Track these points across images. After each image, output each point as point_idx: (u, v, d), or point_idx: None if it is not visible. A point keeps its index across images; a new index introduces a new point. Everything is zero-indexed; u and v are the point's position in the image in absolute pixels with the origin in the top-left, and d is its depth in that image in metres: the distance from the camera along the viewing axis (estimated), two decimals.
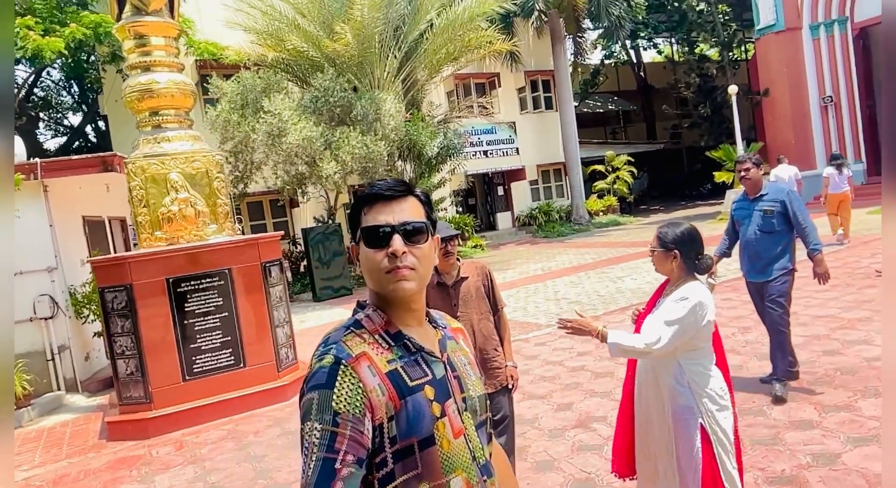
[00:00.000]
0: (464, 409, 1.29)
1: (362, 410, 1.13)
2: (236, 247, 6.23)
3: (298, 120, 12.37)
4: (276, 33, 14.60)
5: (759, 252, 4.63)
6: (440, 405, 1.23)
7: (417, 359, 1.25)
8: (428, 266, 1.27)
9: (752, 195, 4.70)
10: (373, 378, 1.17)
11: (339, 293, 13.69)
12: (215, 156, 6.53)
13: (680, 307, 2.46)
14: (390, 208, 1.25)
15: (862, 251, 10.26)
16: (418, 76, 15.94)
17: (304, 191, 14.02)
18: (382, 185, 1.27)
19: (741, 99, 20.50)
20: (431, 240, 1.29)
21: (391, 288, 1.22)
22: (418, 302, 1.30)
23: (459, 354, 1.37)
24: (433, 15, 15.06)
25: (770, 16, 20.51)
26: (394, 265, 1.21)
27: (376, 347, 1.22)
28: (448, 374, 1.29)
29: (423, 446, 1.19)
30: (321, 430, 1.10)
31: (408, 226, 1.23)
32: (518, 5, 18.56)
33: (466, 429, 1.28)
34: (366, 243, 1.24)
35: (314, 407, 1.13)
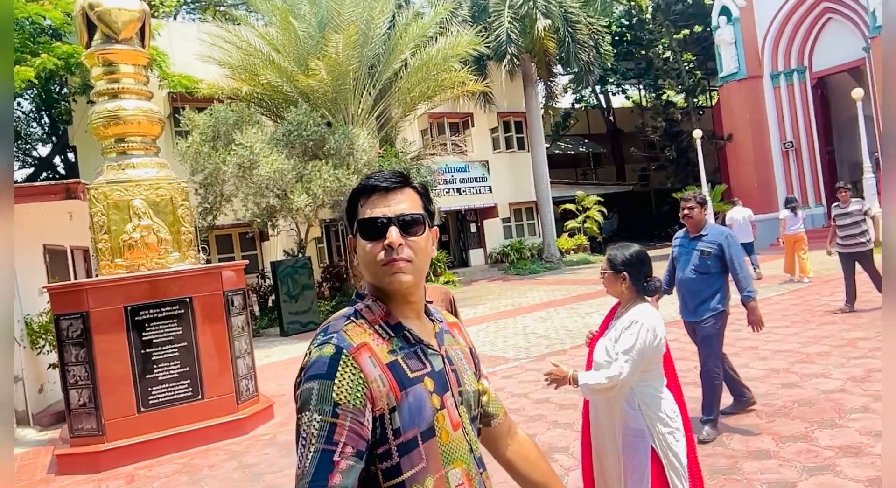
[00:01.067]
0: (460, 403, 1.28)
1: (363, 401, 1.11)
2: (198, 276, 6.14)
3: (270, 152, 12.39)
4: (251, 68, 14.73)
5: (692, 291, 4.56)
6: (439, 397, 1.22)
7: (417, 351, 1.24)
8: (425, 258, 1.26)
9: (693, 234, 4.63)
10: (374, 368, 1.15)
11: (306, 328, 13.48)
12: (181, 183, 6.48)
13: (631, 334, 2.50)
14: (387, 200, 1.23)
15: (822, 289, 10.52)
16: (392, 113, 16.15)
17: (274, 224, 13.94)
18: (379, 177, 1.26)
19: (706, 143, 21.14)
20: (429, 231, 1.27)
21: (388, 280, 1.21)
22: (416, 294, 1.28)
23: (456, 348, 1.37)
24: (408, 55, 15.36)
25: (732, 64, 21.38)
26: (390, 257, 1.20)
27: (376, 338, 1.21)
28: (446, 367, 1.28)
29: (424, 438, 1.18)
30: (320, 421, 1.08)
31: (404, 218, 1.22)
32: (491, 48, 19.06)
33: (463, 422, 1.27)
34: (362, 235, 1.23)
35: (314, 396, 1.10)
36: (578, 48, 20.25)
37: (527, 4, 19.25)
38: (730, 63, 21.44)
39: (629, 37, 29.00)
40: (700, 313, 4.51)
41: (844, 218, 8.27)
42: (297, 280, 13.63)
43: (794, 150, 21.09)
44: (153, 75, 13.97)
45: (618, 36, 28.11)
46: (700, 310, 4.51)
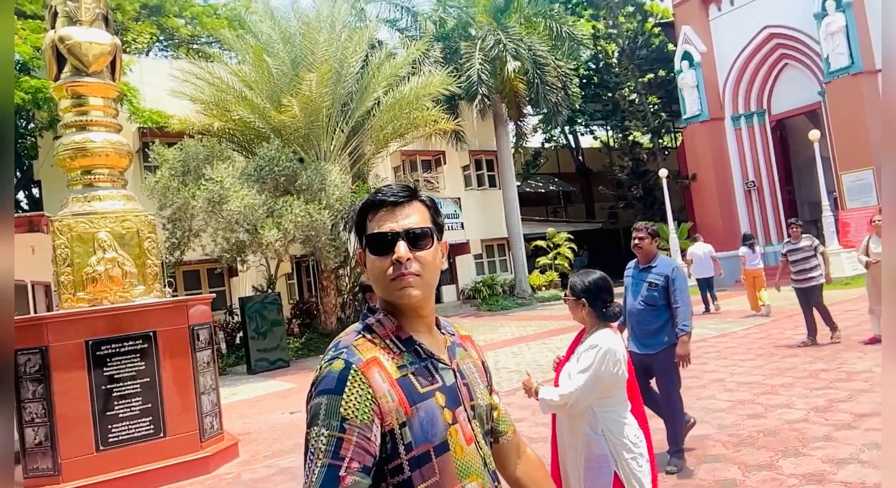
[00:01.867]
0: (472, 417, 1.27)
1: (370, 417, 1.11)
2: (163, 309, 6.03)
3: (241, 187, 12.36)
4: (223, 104, 14.79)
5: (640, 322, 4.53)
6: (451, 412, 1.22)
7: (428, 365, 1.24)
8: (434, 271, 1.26)
9: (643, 264, 4.63)
10: (383, 384, 1.15)
11: (275, 365, 13.24)
12: (147, 216, 6.42)
13: (589, 356, 2.54)
14: (394, 214, 1.24)
15: (785, 323, 10.74)
16: (365, 150, 16.30)
17: (243, 260, 13.80)
18: (387, 191, 1.26)
19: (671, 182, 21.71)
20: (437, 244, 1.28)
21: (397, 294, 1.21)
22: (426, 308, 1.28)
23: (468, 362, 1.36)
24: (380, 93, 15.61)
25: (695, 107, 22.15)
26: (399, 272, 1.20)
27: (387, 352, 1.21)
28: (458, 381, 1.27)
29: (438, 452, 1.17)
30: (327, 436, 1.08)
31: (412, 232, 1.22)
32: (462, 88, 19.47)
33: (477, 436, 1.27)
34: (371, 250, 1.23)
35: (322, 411, 1.11)
36: (547, 90, 20.80)
37: (497, 47, 19.79)
38: (692, 106, 22.20)
39: (596, 80, 29.91)
40: (651, 346, 4.45)
41: (795, 253, 8.50)
42: (266, 316, 13.43)
43: (755, 190, 21.76)
44: (123, 110, 13.94)
45: (585, 79, 28.96)
46: (650, 342, 4.45)
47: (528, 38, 20.55)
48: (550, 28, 21.39)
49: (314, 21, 14.95)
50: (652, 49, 26.83)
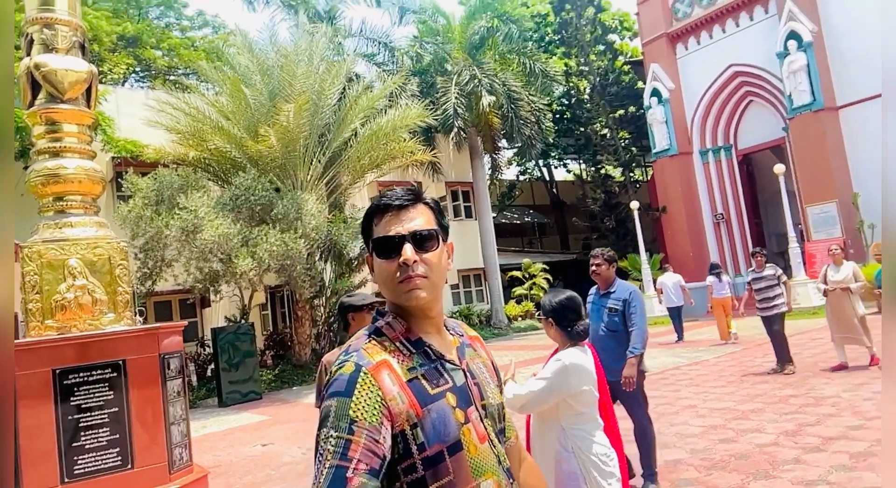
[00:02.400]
0: (484, 416, 1.29)
1: (379, 419, 1.12)
2: (132, 337, 5.92)
3: (216, 217, 12.29)
4: (199, 134, 14.78)
5: (604, 349, 4.44)
6: (463, 411, 1.23)
7: (437, 366, 1.25)
8: (441, 272, 1.27)
9: (603, 290, 4.66)
10: (393, 386, 1.17)
11: (247, 397, 12.98)
12: (120, 242, 6.35)
13: (550, 367, 2.61)
14: (399, 217, 1.26)
15: (755, 352, 10.92)
16: (342, 180, 16.38)
17: (217, 290, 13.63)
18: (391, 195, 1.29)
19: (643, 214, 22.14)
20: (443, 246, 1.30)
21: (405, 297, 1.23)
22: (434, 309, 1.30)
23: (478, 361, 1.37)
24: (357, 125, 15.77)
25: (664, 142, 22.77)
26: (406, 274, 1.22)
27: (397, 355, 1.23)
28: (468, 381, 1.29)
29: (451, 452, 1.18)
30: (336, 438, 1.10)
31: (418, 234, 1.24)
32: (439, 121, 19.77)
33: (490, 435, 1.28)
34: (377, 254, 1.26)
35: (332, 413, 1.12)
36: (521, 124, 21.23)
37: (472, 82, 20.21)
38: (662, 140, 22.82)
39: (569, 115, 30.62)
40: (616, 372, 4.42)
41: (759, 282, 8.71)
42: (239, 347, 13.21)
43: (724, 222, 22.28)
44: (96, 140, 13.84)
45: (558, 114, 29.64)
46: (615, 368, 4.42)
47: (502, 74, 21.03)
48: (524, 65, 21.94)
49: (292, 54, 15.14)
50: (622, 86, 27.64)
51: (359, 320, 3.33)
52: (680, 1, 22.55)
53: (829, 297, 8.34)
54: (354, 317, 3.38)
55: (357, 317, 3.34)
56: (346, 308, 3.35)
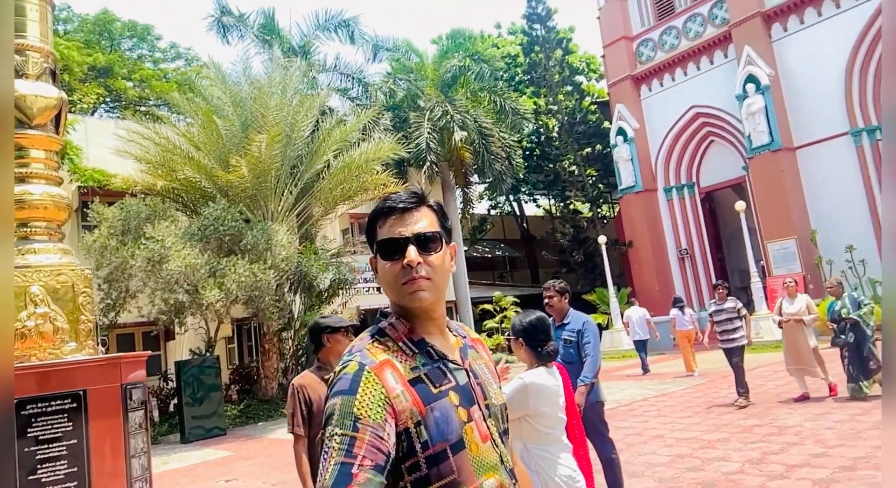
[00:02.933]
0: (487, 416, 1.30)
1: (383, 416, 1.14)
2: (94, 366, 5.77)
3: (183, 247, 12.13)
4: (169, 164, 14.68)
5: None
6: (466, 410, 1.25)
7: (440, 366, 1.27)
8: (444, 274, 1.29)
9: (558, 322, 4.64)
10: (396, 384, 1.18)
11: (210, 433, 12.60)
12: (84, 270, 6.24)
13: (510, 384, 2.65)
14: (403, 220, 1.28)
15: (720, 383, 11.07)
16: (314, 211, 16.35)
17: (182, 322, 13.36)
18: (395, 198, 1.32)
19: (610, 249, 22.53)
20: (446, 248, 1.32)
21: (408, 298, 1.25)
22: (438, 310, 1.32)
23: (480, 362, 1.39)
24: (330, 157, 15.84)
25: (630, 179, 23.35)
26: (409, 276, 1.24)
27: (400, 354, 1.24)
28: (471, 381, 1.30)
29: (454, 450, 1.19)
30: (341, 435, 1.11)
31: (421, 236, 1.26)
32: (412, 154, 19.99)
33: (493, 434, 1.28)
34: (381, 256, 1.28)
35: (336, 412, 1.14)
36: (492, 159, 21.60)
37: (445, 118, 20.56)
38: (628, 177, 23.41)
39: (539, 152, 31.28)
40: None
41: (720, 314, 8.90)
42: (204, 381, 12.89)
43: (688, 257, 22.78)
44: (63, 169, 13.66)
45: (528, 150, 30.25)
46: None
47: (474, 111, 21.47)
48: (495, 102, 22.45)
49: (266, 86, 15.24)
50: (589, 125, 28.39)
51: (334, 342, 3.29)
52: (643, 45, 23.45)
53: (784, 329, 8.60)
54: (330, 339, 3.32)
55: (333, 339, 3.30)
56: (323, 328, 3.31)
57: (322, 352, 3.38)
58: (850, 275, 16.59)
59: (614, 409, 9.38)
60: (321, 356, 3.40)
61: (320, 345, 3.37)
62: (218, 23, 20.03)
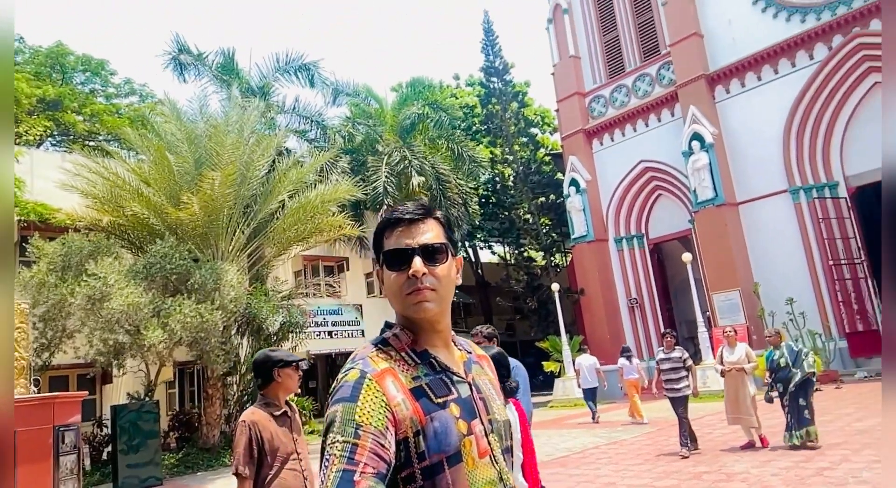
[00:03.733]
0: (490, 431, 1.28)
1: (384, 423, 1.14)
2: (25, 407, 5.43)
3: (127, 285, 11.70)
4: (117, 199, 14.30)
5: None
6: (466, 423, 1.23)
7: (443, 377, 1.26)
8: (449, 285, 1.30)
9: None
10: (397, 393, 1.18)
11: (146, 482, 11.89)
12: (20, 303, 5.95)
13: None
14: (410, 231, 1.29)
15: (671, 431, 11.11)
16: (266, 252, 16.08)
17: (121, 364, 12.74)
18: (402, 209, 1.32)
19: (563, 296, 22.81)
20: (452, 259, 1.32)
21: (413, 309, 1.25)
22: (442, 322, 1.31)
23: (484, 378, 1.38)
24: (286, 197, 15.73)
25: (582, 228, 23.89)
26: (414, 287, 1.24)
27: (402, 364, 1.24)
28: (473, 395, 1.29)
29: (451, 463, 1.18)
30: (342, 442, 1.10)
31: (427, 247, 1.27)
32: (369, 197, 20.04)
33: (493, 451, 1.26)
34: (387, 266, 1.28)
35: (337, 419, 1.13)
36: (449, 205, 21.83)
37: (403, 162, 20.79)
38: (580, 227, 23.95)
39: (494, 199, 31.81)
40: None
41: (666, 362, 9.05)
42: (141, 427, 12.24)
43: (638, 306, 23.23)
44: None
45: (484, 198, 30.74)
46: None
47: (432, 157, 21.80)
48: (452, 150, 22.87)
49: (222, 125, 15.16)
50: (543, 175, 29.13)
51: (285, 377, 3.12)
52: (595, 101, 24.43)
53: (725, 378, 8.81)
54: (281, 373, 3.12)
55: (283, 374, 3.10)
56: (275, 362, 3.10)
57: (270, 388, 3.17)
58: (790, 326, 17.18)
59: (566, 457, 9.33)
60: (269, 392, 3.18)
61: (269, 380, 3.16)
62: (175, 60, 19.95)
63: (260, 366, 3.14)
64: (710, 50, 20.85)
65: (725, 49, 20.48)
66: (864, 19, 17.63)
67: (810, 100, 18.69)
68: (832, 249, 18.41)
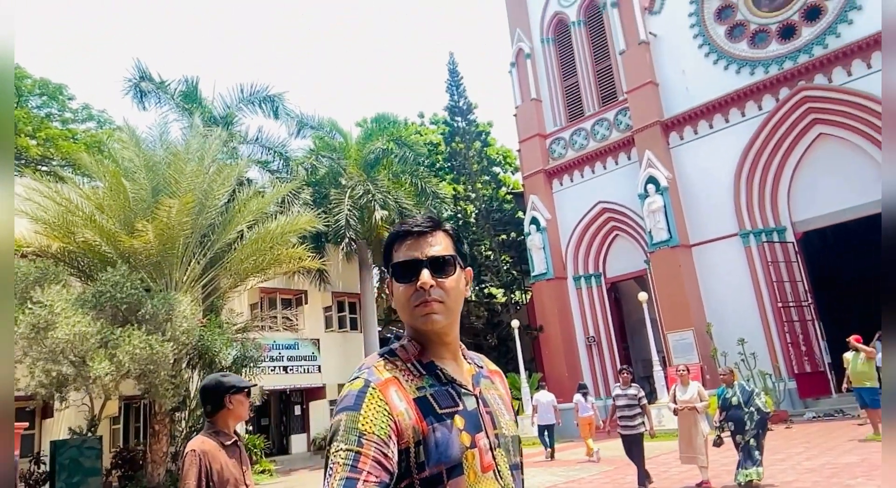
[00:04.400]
0: (496, 445, 1.26)
1: (387, 432, 1.14)
2: None
3: (74, 313, 11.26)
4: (68, 225, 13.86)
5: None
6: (470, 436, 1.22)
7: (449, 389, 1.26)
8: (457, 298, 1.30)
9: None
10: (400, 402, 1.18)
11: None
12: None
13: None
14: (418, 243, 1.30)
15: (627, 470, 11.14)
16: (221, 283, 15.73)
17: (63, 397, 12.16)
18: (412, 222, 1.34)
19: (522, 333, 22.89)
20: (460, 272, 1.33)
21: (421, 321, 1.25)
22: (450, 334, 1.32)
23: (494, 393, 1.37)
24: (244, 227, 15.51)
25: (542, 266, 24.17)
26: (422, 299, 1.24)
27: (407, 374, 1.24)
28: (480, 408, 1.29)
29: (451, 475, 1.16)
30: (346, 450, 1.11)
31: (435, 260, 1.28)
32: (331, 230, 19.92)
33: (498, 466, 1.24)
34: (396, 278, 1.29)
35: (341, 427, 1.14)
36: None
37: (366, 196, 20.81)
38: (540, 265, 24.22)
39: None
40: None
41: (622, 399, 9.11)
42: (82, 464, 11.65)
43: (596, 345, 23.45)
44: None
45: None
46: None
47: (395, 192, 21.89)
48: (416, 185, 23.04)
49: (182, 153, 14.96)
50: (505, 213, 29.55)
51: (237, 404, 2.98)
52: (556, 143, 25.06)
53: (679, 417, 8.90)
54: (232, 400, 2.97)
55: (235, 401, 2.95)
56: (227, 388, 2.94)
57: (220, 416, 3.00)
58: (742, 366, 17.56)
59: None
60: (218, 420, 3.01)
61: (220, 407, 2.99)
62: (136, 87, 19.69)
63: (210, 391, 2.98)
64: (664, 98, 21.71)
65: (679, 97, 21.36)
66: (808, 74, 18.68)
67: (759, 148, 19.56)
68: (781, 292, 19.03)
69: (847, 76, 17.97)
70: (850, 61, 17.92)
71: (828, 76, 18.35)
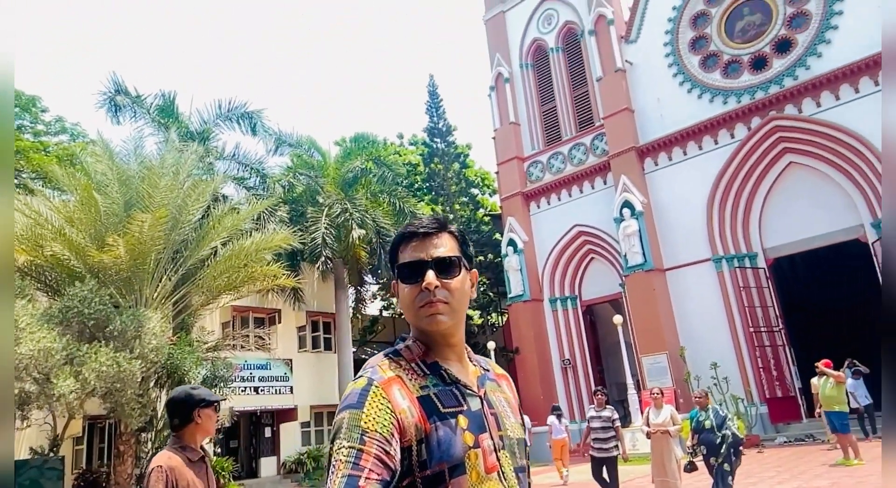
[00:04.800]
0: (501, 447, 1.25)
1: (390, 430, 1.15)
2: None
3: (38, 329, 10.93)
4: (35, 238, 13.53)
5: None
6: (474, 436, 1.22)
7: (453, 389, 1.27)
8: (462, 299, 1.31)
9: None
10: (403, 400, 1.19)
11: None
12: None
13: None
14: (424, 244, 1.31)
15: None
16: (193, 300, 15.44)
17: (25, 415, 11.74)
18: (417, 224, 1.35)
19: (499, 355, 22.83)
20: (466, 273, 1.34)
21: (426, 321, 1.27)
22: (456, 336, 1.33)
23: (500, 395, 1.39)
24: (219, 244, 15.29)
25: (518, 288, 24.22)
26: (427, 300, 1.25)
27: (411, 374, 1.26)
28: (484, 409, 1.29)
29: (453, 474, 1.16)
30: (348, 448, 1.11)
31: (440, 261, 1.28)
32: (307, 248, 19.74)
33: (502, 468, 1.23)
34: (402, 279, 1.31)
35: (344, 425, 1.15)
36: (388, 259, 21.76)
37: (343, 215, 20.71)
38: (516, 286, 24.28)
39: None
40: None
41: (596, 420, 9.10)
42: (43, 485, 11.23)
43: (571, 367, 23.46)
44: None
45: None
46: None
47: (373, 211, 21.83)
48: (394, 205, 23.02)
49: (157, 167, 14.76)
50: (482, 234, 29.66)
51: (205, 418, 2.89)
52: (533, 166, 25.32)
53: (651, 440, 8.90)
54: (201, 414, 2.89)
55: (204, 415, 2.88)
56: (197, 401, 2.86)
57: (187, 430, 2.91)
58: (715, 390, 17.68)
59: None
60: (185, 434, 2.92)
61: (187, 421, 2.90)
62: (111, 101, 19.44)
63: (179, 404, 2.90)
64: (640, 124, 22.12)
65: (654, 124, 21.79)
66: (780, 104, 19.21)
67: (731, 175, 19.97)
68: (752, 317, 19.29)
69: (816, 107, 18.51)
70: (819, 93, 18.48)
71: (798, 106, 18.89)
